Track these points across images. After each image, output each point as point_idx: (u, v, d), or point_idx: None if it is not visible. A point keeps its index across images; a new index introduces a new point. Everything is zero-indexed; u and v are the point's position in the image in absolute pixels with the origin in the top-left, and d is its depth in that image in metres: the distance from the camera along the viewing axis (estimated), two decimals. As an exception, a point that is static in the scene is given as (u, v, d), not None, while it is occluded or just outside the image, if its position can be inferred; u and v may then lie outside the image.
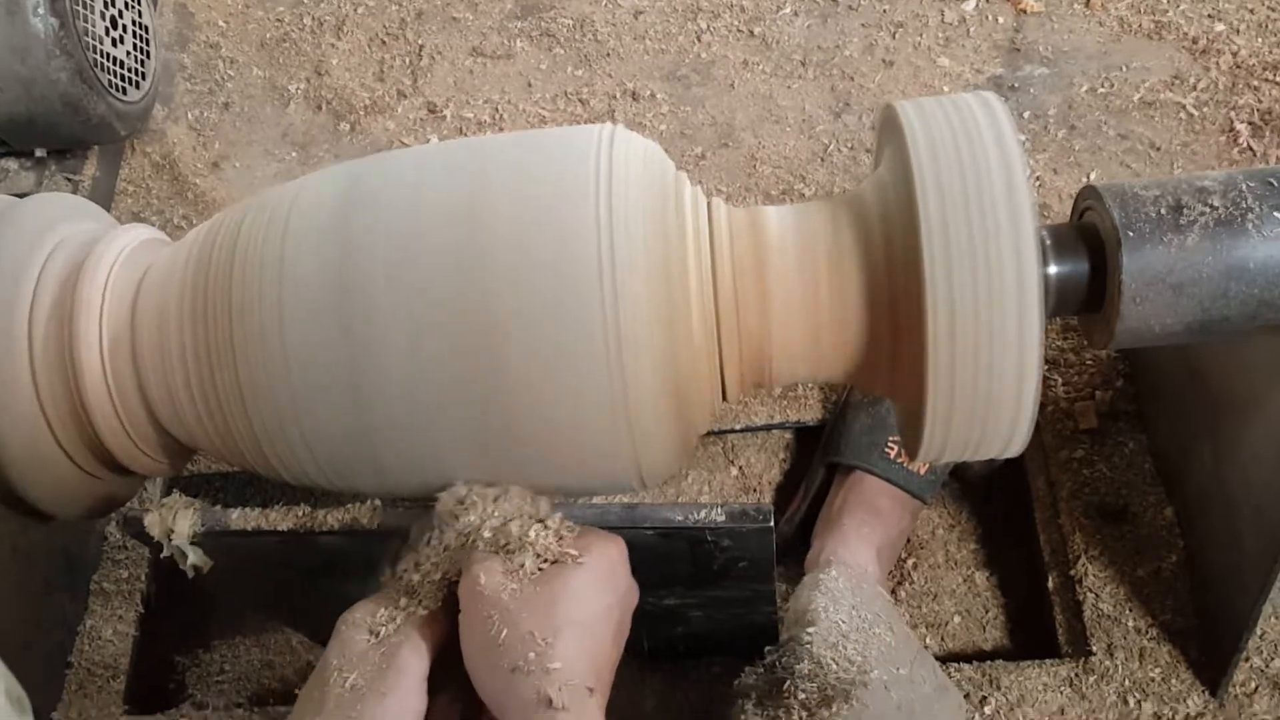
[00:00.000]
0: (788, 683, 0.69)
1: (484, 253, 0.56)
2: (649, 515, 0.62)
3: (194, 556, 0.66)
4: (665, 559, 0.65)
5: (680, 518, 0.62)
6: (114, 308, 0.65)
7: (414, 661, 0.55)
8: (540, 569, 0.56)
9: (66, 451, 0.65)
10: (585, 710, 0.52)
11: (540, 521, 0.59)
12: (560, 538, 0.58)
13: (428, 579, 0.59)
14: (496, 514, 0.58)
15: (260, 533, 0.65)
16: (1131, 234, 0.57)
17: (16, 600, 0.92)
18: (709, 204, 0.61)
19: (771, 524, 0.62)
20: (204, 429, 0.64)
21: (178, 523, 0.65)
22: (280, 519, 0.65)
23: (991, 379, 0.54)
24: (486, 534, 0.57)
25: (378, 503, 0.65)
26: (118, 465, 0.68)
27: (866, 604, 0.76)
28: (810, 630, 0.72)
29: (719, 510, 0.62)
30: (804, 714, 0.67)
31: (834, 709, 0.67)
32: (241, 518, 0.65)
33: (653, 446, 0.58)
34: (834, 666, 0.70)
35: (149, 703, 1.01)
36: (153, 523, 0.65)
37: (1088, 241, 0.60)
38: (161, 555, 0.66)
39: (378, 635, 0.57)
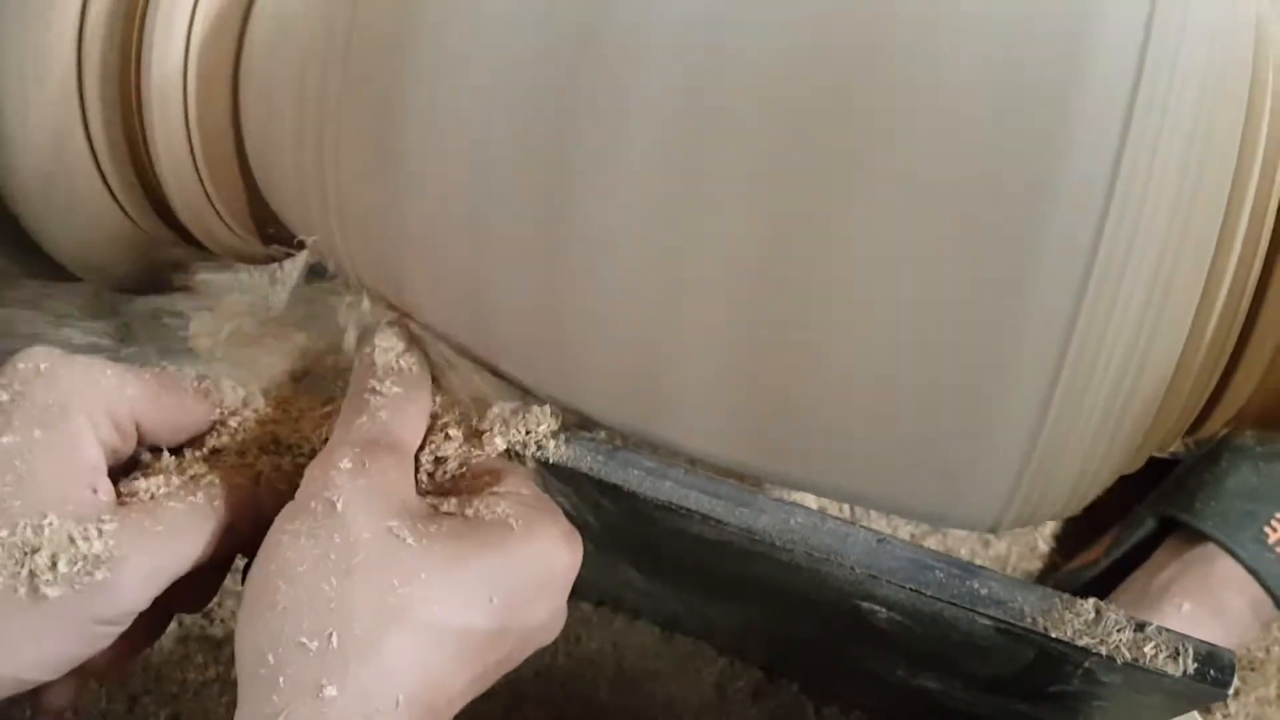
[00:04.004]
0: None
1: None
2: (997, 595, 0.35)
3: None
4: (977, 650, 0.38)
5: (1069, 633, 0.34)
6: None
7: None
8: (443, 508, 0.34)
9: (111, 188, 0.42)
10: None
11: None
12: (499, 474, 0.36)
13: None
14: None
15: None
16: None
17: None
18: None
19: (1229, 691, 0.34)
20: (307, 206, 0.40)
21: (231, 346, 0.41)
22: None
23: None
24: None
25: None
26: (182, 227, 0.44)
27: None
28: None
29: (1158, 641, 0.34)
30: None
31: None
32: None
33: (1055, 479, 0.31)
34: None
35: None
36: (200, 326, 0.42)
37: None
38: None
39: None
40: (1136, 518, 0.68)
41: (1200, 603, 0.64)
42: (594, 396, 0.38)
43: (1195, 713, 0.55)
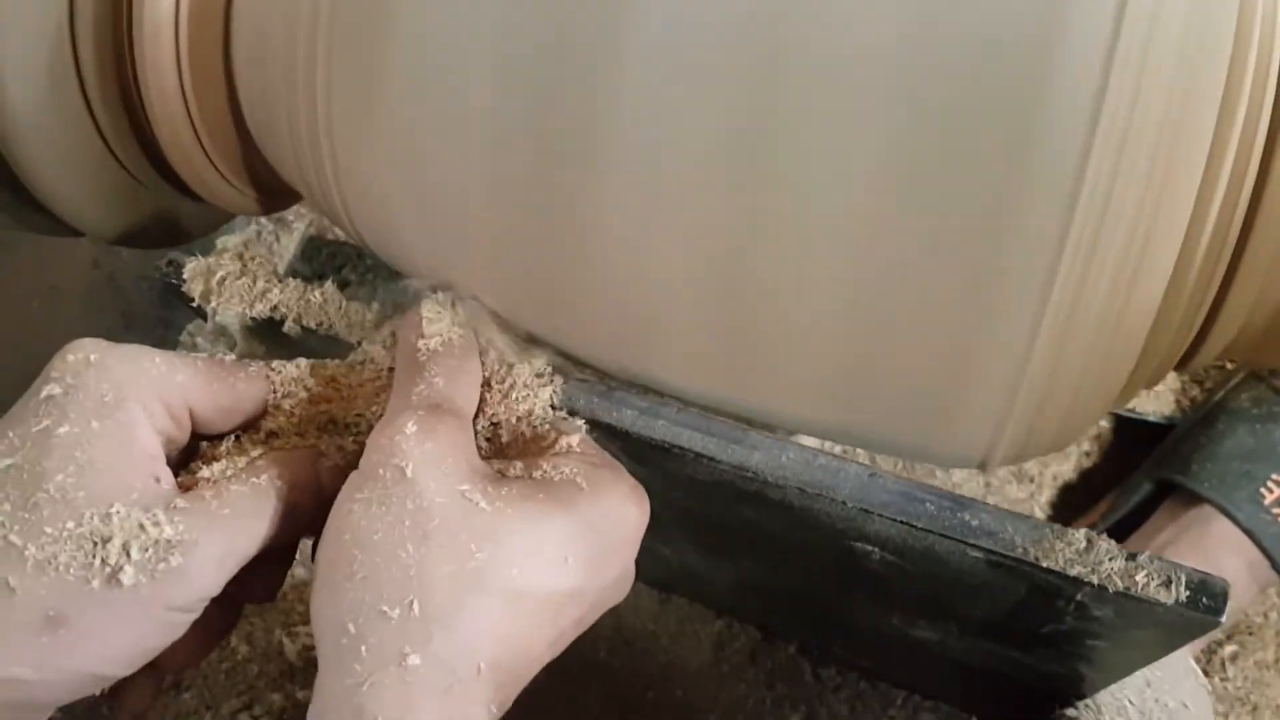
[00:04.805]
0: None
1: None
2: (988, 526, 0.35)
3: (241, 342, 0.42)
4: (969, 588, 0.38)
5: (1061, 562, 0.34)
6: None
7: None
8: (509, 472, 0.33)
9: (106, 139, 0.43)
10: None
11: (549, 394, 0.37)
12: (555, 435, 0.35)
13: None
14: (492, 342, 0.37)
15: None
16: None
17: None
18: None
19: (1222, 619, 0.34)
20: (305, 168, 0.40)
21: (225, 290, 0.41)
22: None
23: None
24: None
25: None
26: (177, 178, 0.45)
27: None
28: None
29: (1150, 570, 0.34)
30: None
31: None
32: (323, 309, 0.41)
33: (1047, 408, 0.31)
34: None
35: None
36: (194, 273, 0.42)
37: None
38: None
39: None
40: (1133, 482, 0.69)
41: (1197, 564, 0.64)
42: (589, 340, 0.38)
43: (1192, 661, 0.56)
